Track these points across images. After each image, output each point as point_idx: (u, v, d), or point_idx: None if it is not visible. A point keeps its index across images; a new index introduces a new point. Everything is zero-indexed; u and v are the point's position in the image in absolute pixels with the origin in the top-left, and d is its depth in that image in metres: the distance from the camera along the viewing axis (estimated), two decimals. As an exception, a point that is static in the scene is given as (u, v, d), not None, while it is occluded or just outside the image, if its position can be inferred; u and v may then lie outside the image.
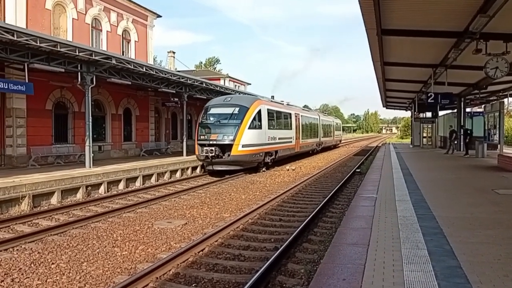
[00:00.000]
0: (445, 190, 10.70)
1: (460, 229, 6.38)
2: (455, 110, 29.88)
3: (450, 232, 6.22)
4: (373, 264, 4.83)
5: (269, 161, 23.02)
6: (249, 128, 20.45)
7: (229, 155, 19.71)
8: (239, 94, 29.91)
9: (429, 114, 37.58)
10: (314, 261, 7.03)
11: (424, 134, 39.60)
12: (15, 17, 19.05)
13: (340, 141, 57.85)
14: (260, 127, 21.51)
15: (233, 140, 19.79)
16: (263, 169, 22.75)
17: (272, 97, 31.83)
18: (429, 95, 20.52)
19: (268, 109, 23.01)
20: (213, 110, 21.69)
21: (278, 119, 25.17)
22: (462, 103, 28.15)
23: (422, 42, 14.64)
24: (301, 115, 31.45)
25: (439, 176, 13.91)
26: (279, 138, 24.39)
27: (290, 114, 28.29)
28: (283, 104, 30.10)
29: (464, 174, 14.42)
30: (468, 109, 32.60)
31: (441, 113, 34.78)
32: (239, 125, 20.22)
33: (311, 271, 6.45)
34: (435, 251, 5.29)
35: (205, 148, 19.70)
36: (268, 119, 22.74)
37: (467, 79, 21.86)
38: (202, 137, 20.53)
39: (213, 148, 19.48)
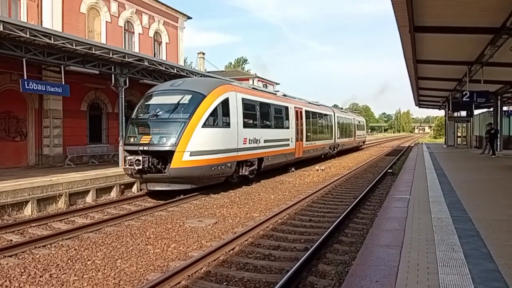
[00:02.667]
0: (481, 191, 10.37)
1: (498, 232, 6.17)
2: (491, 109, 28.91)
3: (487, 234, 6.03)
4: (407, 267, 4.74)
5: (247, 173, 16.30)
6: (204, 125, 13.55)
7: (168, 169, 13.00)
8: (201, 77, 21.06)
9: (463, 113, 36.52)
10: (345, 263, 6.96)
11: (459, 134, 38.50)
12: (52, 21, 19.74)
13: (364, 142, 50.69)
14: (226, 124, 14.76)
15: (175, 144, 12.91)
16: (292, 169, 22.16)
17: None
18: (464, 93, 19.95)
19: (243, 99, 16.17)
20: (153, 100, 14.77)
21: (264, 114, 18.34)
22: (498, 101, 27.22)
23: (457, 39, 14.26)
24: (305, 110, 24.27)
25: (474, 177, 13.50)
26: (265, 141, 17.74)
27: (287, 108, 21.03)
28: (275, 94, 21.81)
29: (500, 175, 13.93)
30: (505, 108, 31.44)
31: (476, 112, 33.76)
32: (187, 121, 13.20)
33: (342, 272, 6.39)
34: (472, 254, 5.14)
35: (131, 157, 13.13)
36: (245, 114, 16.07)
37: (504, 77, 21.12)
38: (131, 139, 13.92)
39: (140, 158, 12.79)
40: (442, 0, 10.77)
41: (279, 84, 60.28)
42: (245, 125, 16.08)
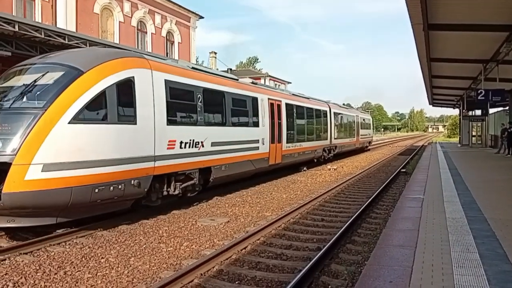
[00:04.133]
0: (496, 191, 10.22)
1: (515, 233, 6.08)
2: (507, 108, 28.46)
3: (503, 235, 5.94)
4: (421, 267, 4.69)
5: (178, 192, 11.40)
6: (76, 120, 8.46)
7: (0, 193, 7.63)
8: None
9: (478, 112, 36.05)
10: (358, 263, 6.91)
11: (473, 133, 37.99)
12: (66, 21, 20.01)
13: (370, 142, 44.41)
14: (127, 119, 9.64)
15: (14, 152, 7.72)
16: (304, 168, 21.97)
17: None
18: (479, 91, 19.68)
19: (169, 82, 11.07)
20: (9, 81, 9.42)
21: (213, 105, 13.32)
22: (515, 100, 26.77)
23: (471, 37, 14.08)
24: (287, 103, 19.27)
25: (490, 176, 13.30)
26: (214, 144, 12.82)
27: (255, 99, 15.90)
28: (235, 80, 15.61)
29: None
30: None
31: (491, 110, 33.28)
32: (39, 113, 8.14)
33: (355, 272, 6.35)
34: (487, 254, 5.07)
35: None
36: (171, 104, 11.03)
37: (520, 75, 20.77)
38: None
39: None
40: (457, -3, 10.65)
41: (290, 83, 60.28)
42: (172, 121, 11.02)
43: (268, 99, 17.14)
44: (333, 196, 14.00)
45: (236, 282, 6.27)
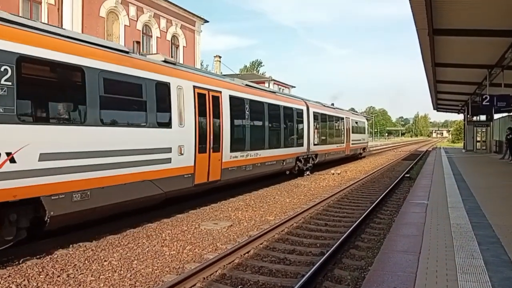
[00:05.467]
0: (501, 197, 10.15)
1: (520, 239, 6.03)
2: (512, 113, 28.38)
3: (508, 241, 5.89)
4: (425, 273, 4.66)
5: None
6: None
7: None
8: None
9: (483, 117, 35.91)
10: (362, 268, 6.88)
11: (478, 138, 37.81)
12: (72, 24, 20.12)
13: (365, 149, 38.76)
14: None
15: None
16: (307, 172, 21.66)
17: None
18: (484, 97, 19.65)
19: None
20: None
21: (53, 89, 8.17)
22: (520, 105, 26.64)
23: (476, 42, 14.06)
24: (232, 96, 14.03)
25: (494, 182, 13.23)
26: (52, 156, 7.53)
27: (163, 85, 10.74)
28: (144, 60, 10.49)
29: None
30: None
31: (496, 116, 33.15)
32: None
33: (358, 278, 6.32)
34: (492, 261, 5.04)
35: None
36: None
37: (526, 81, 20.69)
38: None
39: None
40: (462, 2, 10.63)
41: (295, 87, 60.25)
42: None
43: (194, 87, 11.89)
44: (336, 200, 13.95)
45: (239, 287, 6.25)
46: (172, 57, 27.66)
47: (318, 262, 6.80)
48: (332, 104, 29.95)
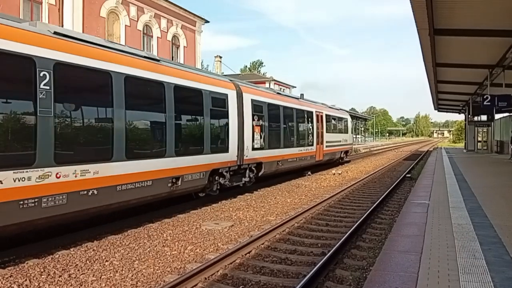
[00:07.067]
0: (503, 197, 10.14)
1: (522, 239, 6.02)
2: (513, 113, 28.36)
3: (510, 242, 5.89)
4: (427, 273, 4.65)
5: None
6: None
7: None
8: None
9: (484, 117, 35.91)
10: (364, 268, 6.87)
11: (479, 138, 37.81)
12: (72, 24, 20.14)
13: (348, 152, 30.85)
14: None
15: None
16: (309, 172, 21.90)
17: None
18: (485, 97, 19.64)
19: None
20: None
21: None
22: (521, 105, 26.63)
23: (477, 42, 14.05)
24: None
25: (495, 182, 13.22)
26: None
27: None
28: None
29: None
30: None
31: (497, 116, 33.14)
32: None
33: (360, 278, 6.31)
34: (494, 261, 5.03)
35: None
36: None
37: (527, 80, 20.68)
38: None
39: None
40: (463, 2, 10.62)
41: (295, 87, 60.23)
42: None
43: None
44: (337, 200, 13.94)
45: (240, 287, 6.24)
46: (172, 57, 27.68)
47: (319, 262, 6.79)
48: (302, 96, 23.02)
